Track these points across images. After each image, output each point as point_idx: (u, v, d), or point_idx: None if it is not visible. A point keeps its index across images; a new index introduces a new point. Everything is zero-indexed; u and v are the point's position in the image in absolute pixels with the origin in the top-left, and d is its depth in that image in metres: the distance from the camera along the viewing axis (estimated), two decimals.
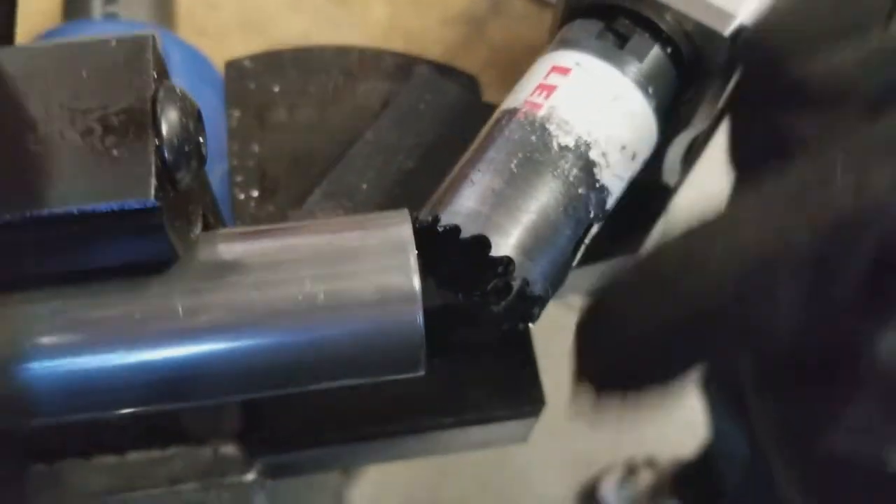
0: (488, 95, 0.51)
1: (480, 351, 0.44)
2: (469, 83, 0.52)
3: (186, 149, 0.25)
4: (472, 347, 0.44)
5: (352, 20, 0.58)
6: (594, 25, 0.34)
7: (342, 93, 0.52)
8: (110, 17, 0.85)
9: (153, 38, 0.25)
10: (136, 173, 0.24)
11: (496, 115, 0.34)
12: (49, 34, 0.70)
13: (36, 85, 0.25)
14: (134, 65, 0.25)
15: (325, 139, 0.50)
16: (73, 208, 0.23)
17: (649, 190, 0.43)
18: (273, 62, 0.53)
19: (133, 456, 0.40)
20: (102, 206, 0.24)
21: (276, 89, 0.52)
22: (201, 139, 0.26)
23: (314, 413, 0.43)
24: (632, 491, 1.59)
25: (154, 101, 0.25)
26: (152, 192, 0.24)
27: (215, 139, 0.73)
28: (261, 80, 0.52)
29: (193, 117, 0.26)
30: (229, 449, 0.41)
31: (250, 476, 0.41)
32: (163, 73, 0.26)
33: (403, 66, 0.53)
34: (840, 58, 0.26)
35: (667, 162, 0.42)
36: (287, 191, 0.48)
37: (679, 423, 1.56)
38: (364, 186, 0.44)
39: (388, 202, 0.43)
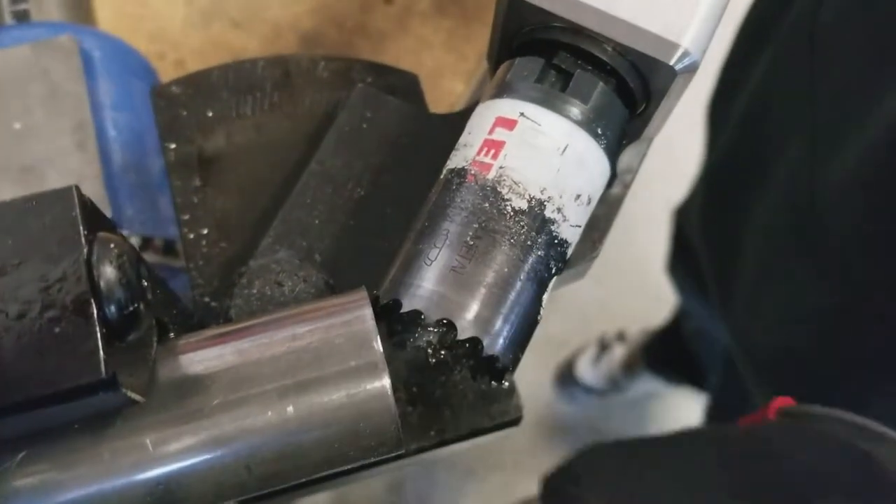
0: None
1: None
2: (409, 83, 0.50)
3: (131, 308, 0.24)
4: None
5: None
6: (534, 65, 0.33)
7: (280, 109, 0.50)
8: (21, 17, 0.81)
9: (76, 189, 0.24)
10: (83, 351, 0.23)
11: (445, 174, 0.32)
12: None
13: None
14: (61, 226, 0.24)
15: (270, 163, 0.48)
16: (21, 397, 0.22)
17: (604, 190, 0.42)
18: (202, 84, 0.50)
19: None
20: (51, 389, 0.23)
21: (210, 114, 0.49)
22: (145, 282, 0.25)
23: None
24: (606, 366, 1.63)
25: (89, 262, 0.23)
26: (103, 368, 0.23)
27: (151, 132, 0.70)
28: (192, 106, 0.49)
29: (132, 266, 0.24)
30: None
31: None
32: (94, 224, 0.24)
33: (340, 71, 0.51)
34: None
35: (620, 168, 0.41)
36: (239, 225, 0.47)
37: (646, 296, 1.59)
38: (316, 222, 0.43)
39: (344, 236, 0.42)
